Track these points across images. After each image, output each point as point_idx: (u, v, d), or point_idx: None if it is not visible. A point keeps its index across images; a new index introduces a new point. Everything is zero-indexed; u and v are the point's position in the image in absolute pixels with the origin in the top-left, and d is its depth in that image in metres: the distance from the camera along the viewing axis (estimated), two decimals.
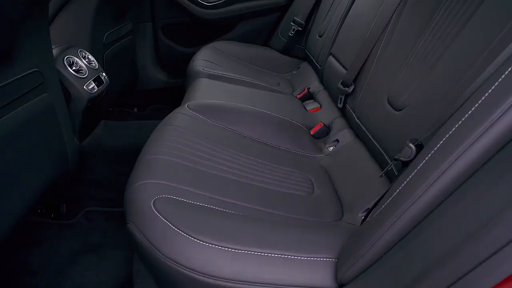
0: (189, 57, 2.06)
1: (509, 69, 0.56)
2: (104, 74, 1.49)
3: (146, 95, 2.43)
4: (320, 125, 1.42)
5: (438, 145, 0.61)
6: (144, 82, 2.39)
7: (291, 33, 2.22)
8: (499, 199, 0.50)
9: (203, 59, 1.93)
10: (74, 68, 1.33)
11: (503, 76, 0.57)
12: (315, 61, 1.92)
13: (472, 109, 0.58)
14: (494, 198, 0.51)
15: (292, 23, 2.22)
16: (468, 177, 0.57)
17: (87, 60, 1.43)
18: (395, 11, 1.20)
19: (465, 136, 0.56)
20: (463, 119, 0.58)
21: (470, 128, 0.57)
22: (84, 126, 1.46)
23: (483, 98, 0.58)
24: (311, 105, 1.68)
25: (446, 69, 0.87)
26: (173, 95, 2.32)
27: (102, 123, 1.95)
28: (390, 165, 0.88)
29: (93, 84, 1.39)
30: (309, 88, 1.80)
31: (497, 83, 0.58)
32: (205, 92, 1.52)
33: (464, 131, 0.57)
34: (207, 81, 1.67)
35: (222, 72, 1.80)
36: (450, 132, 0.60)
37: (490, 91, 0.58)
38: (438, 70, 0.90)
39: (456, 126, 0.60)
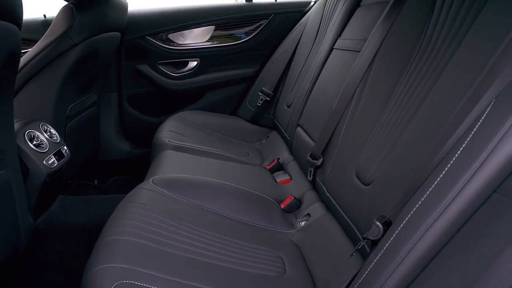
0: (155, 127, 2.10)
1: (464, 145, 0.62)
2: (65, 147, 1.50)
3: (108, 166, 2.42)
4: (291, 199, 1.44)
5: (402, 224, 0.65)
6: (106, 152, 2.38)
7: (259, 103, 2.32)
8: (464, 278, 0.53)
9: (169, 130, 1.97)
10: (34, 142, 1.34)
11: (458, 152, 0.63)
12: (284, 131, 2.00)
13: (430, 189, 0.63)
14: (458, 278, 0.54)
15: (260, 93, 2.32)
16: (433, 256, 0.60)
17: (48, 133, 1.45)
18: (358, 85, 1.30)
19: (425, 216, 0.60)
20: (422, 199, 0.63)
21: (430, 207, 0.61)
22: (40, 202, 1.44)
23: (443, 173, 0.63)
24: (281, 177, 1.72)
25: (409, 143, 0.93)
26: (137, 166, 2.31)
27: (59, 198, 1.91)
28: (360, 244, 0.90)
29: (53, 159, 1.39)
30: (279, 158, 1.86)
31: (454, 158, 0.63)
32: (171, 165, 1.55)
33: (424, 211, 0.61)
34: (173, 153, 1.70)
35: (188, 144, 1.84)
36: (412, 211, 0.64)
37: (449, 165, 0.63)
38: (402, 144, 0.95)
39: (418, 205, 0.64)
